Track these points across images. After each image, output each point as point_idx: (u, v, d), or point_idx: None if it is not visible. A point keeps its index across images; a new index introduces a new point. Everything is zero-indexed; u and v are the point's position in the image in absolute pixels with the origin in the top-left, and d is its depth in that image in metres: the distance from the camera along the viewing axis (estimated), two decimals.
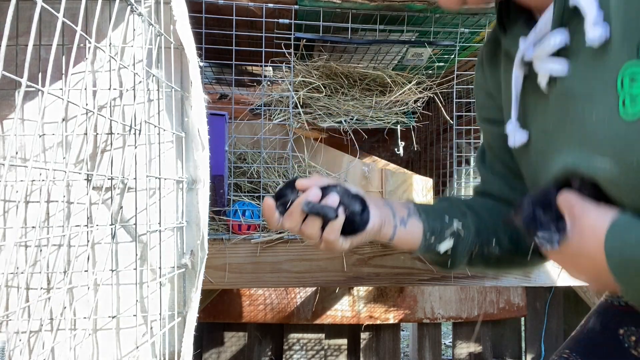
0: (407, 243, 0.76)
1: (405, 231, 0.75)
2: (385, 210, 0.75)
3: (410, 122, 1.30)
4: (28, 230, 0.67)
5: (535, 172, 0.66)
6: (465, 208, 0.78)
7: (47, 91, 0.40)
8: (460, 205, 0.78)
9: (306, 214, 0.70)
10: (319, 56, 1.29)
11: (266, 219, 0.74)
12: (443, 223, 0.75)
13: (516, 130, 0.65)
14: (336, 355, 2.22)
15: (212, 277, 1.10)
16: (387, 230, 0.74)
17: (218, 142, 1.06)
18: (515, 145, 0.66)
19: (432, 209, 0.78)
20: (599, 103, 0.50)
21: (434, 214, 0.76)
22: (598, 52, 0.49)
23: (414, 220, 0.75)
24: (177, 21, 0.63)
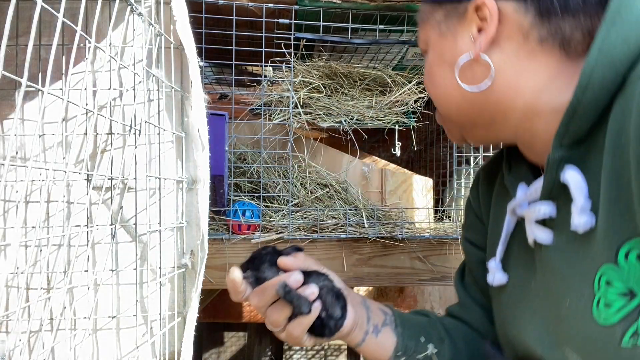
0: (374, 354, 0.72)
1: (376, 341, 0.71)
2: (360, 312, 0.71)
3: (410, 122, 1.30)
4: (28, 230, 0.67)
5: (504, 322, 0.65)
6: (444, 334, 0.74)
7: (47, 91, 0.40)
8: (439, 328, 0.75)
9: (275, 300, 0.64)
10: (319, 56, 1.29)
11: (230, 290, 0.67)
12: (417, 344, 0.72)
13: (497, 270, 0.64)
14: (336, 355, 2.21)
15: (212, 277, 1.10)
16: (357, 334, 0.70)
17: (218, 142, 1.06)
18: (493, 284, 0.65)
19: (410, 324, 0.74)
20: (574, 292, 0.49)
21: (410, 330, 0.73)
22: (582, 238, 0.49)
23: (388, 331, 0.72)
24: (177, 21, 0.63)
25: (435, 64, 0.61)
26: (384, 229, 1.17)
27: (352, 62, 1.32)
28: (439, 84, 0.61)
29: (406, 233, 1.16)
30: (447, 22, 0.59)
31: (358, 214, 1.20)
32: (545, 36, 0.52)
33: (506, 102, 0.56)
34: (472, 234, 0.77)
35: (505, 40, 0.54)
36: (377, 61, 1.37)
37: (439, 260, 1.19)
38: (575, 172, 0.49)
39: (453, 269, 1.19)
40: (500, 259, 0.64)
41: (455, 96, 0.60)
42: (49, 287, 0.66)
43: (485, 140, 0.64)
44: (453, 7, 0.58)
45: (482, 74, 0.56)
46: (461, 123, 0.62)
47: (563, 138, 0.50)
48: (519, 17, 0.53)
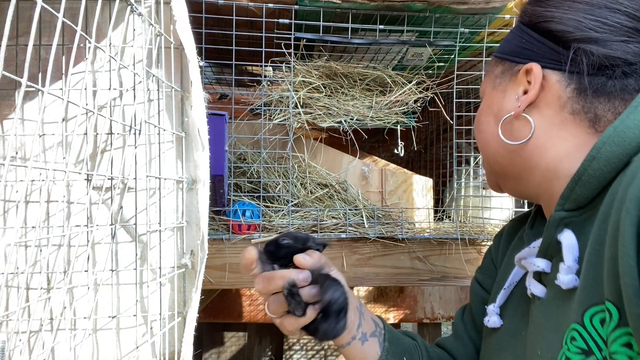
0: (355, 359, 0.75)
1: (361, 349, 0.74)
2: (353, 318, 0.74)
3: (410, 122, 1.30)
4: (28, 230, 0.67)
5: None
6: (427, 357, 0.78)
7: (47, 91, 0.40)
8: (424, 354, 0.78)
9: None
10: (319, 56, 1.29)
11: (243, 264, 0.69)
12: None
13: (493, 314, 0.68)
14: (336, 355, 2.21)
15: (212, 277, 1.10)
16: (345, 337, 0.73)
17: (218, 142, 1.06)
18: (487, 324, 0.69)
19: (398, 342, 0.77)
20: (547, 343, 0.53)
21: (396, 347, 0.76)
22: (565, 295, 0.53)
23: (374, 342, 0.75)
24: (177, 21, 0.63)
25: (483, 112, 0.68)
26: (384, 229, 1.17)
27: (352, 62, 1.32)
28: (483, 130, 0.67)
29: (406, 233, 1.16)
30: (502, 78, 0.65)
31: (358, 214, 1.20)
32: (578, 110, 0.57)
33: (532, 161, 0.61)
34: (483, 276, 0.81)
35: (544, 106, 0.59)
36: (377, 61, 1.37)
37: (439, 260, 1.19)
38: (571, 234, 0.53)
39: (453, 268, 1.19)
40: (499, 305, 0.68)
41: (493, 145, 0.65)
42: (49, 287, 0.66)
43: (515, 192, 0.68)
44: (510, 65, 0.64)
45: (519, 131, 0.61)
46: (495, 171, 0.68)
47: (566, 201, 0.53)
48: (559, 88, 0.58)
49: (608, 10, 0.55)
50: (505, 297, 0.68)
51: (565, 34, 0.57)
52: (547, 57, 0.59)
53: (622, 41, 0.54)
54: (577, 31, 0.56)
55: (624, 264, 0.40)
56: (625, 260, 0.40)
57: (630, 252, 0.40)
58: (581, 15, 0.56)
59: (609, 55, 0.54)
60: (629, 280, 0.39)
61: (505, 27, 1.22)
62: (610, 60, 0.54)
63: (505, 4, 1.11)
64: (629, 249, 0.40)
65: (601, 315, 0.46)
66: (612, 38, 0.55)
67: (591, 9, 0.56)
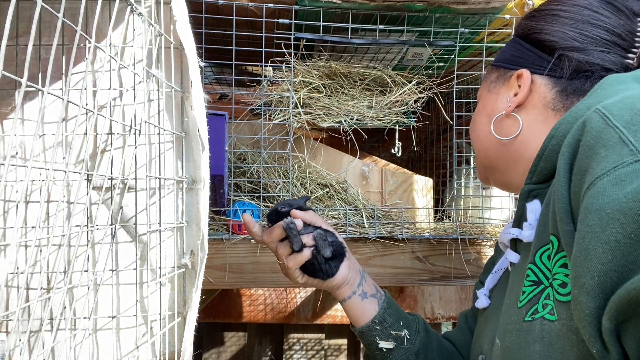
0: (354, 313, 0.83)
1: (361, 304, 0.83)
2: (354, 274, 0.84)
3: (410, 122, 1.30)
4: (28, 230, 0.67)
5: (474, 339, 0.75)
6: (423, 330, 0.85)
7: (47, 91, 0.40)
8: (421, 325, 0.85)
9: (284, 237, 0.81)
10: (319, 56, 1.29)
11: (247, 228, 0.85)
12: (395, 323, 0.82)
13: (482, 296, 0.75)
14: (336, 355, 2.22)
15: (212, 277, 1.10)
16: (345, 290, 0.83)
17: (218, 142, 1.06)
18: (477, 305, 0.75)
19: (396, 308, 0.85)
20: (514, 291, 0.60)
21: (394, 311, 0.84)
22: (526, 249, 0.61)
23: (373, 301, 0.84)
24: (177, 21, 0.63)
25: (479, 113, 0.76)
26: (384, 229, 1.17)
27: (352, 62, 1.32)
28: (477, 128, 0.76)
29: (406, 233, 1.16)
30: (496, 83, 0.74)
31: (358, 214, 1.20)
32: (559, 107, 0.66)
33: (518, 153, 0.69)
34: (483, 275, 0.86)
35: (531, 107, 0.68)
36: (377, 61, 1.37)
37: (439, 260, 1.19)
38: (536, 202, 0.61)
39: (453, 268, 1.19)
40: (489, 288, 0.75)
41: (485, 141, 0.74)
42: (49, 287, 0.66)
43: (502, 183, 0.76)
44: (504, 72, 0.72)
45: (509, 128, 0.70)
46: (486, 165, 0.76)
47: (533, 175, 0.61)
48: (545, 90, 0.67)
49: (590, 25, 0.64)
50: (494, 281, 0.74)
51: (552, 43, 0.66)
52: (536, 63, 0.68)
53: (601, 51, 0.63)
54: (562, 41, 0.65)
55: (557, 193, 0.48)
56: (559, 190, 0.48)
57: (562, 182, 0.48)
58: (567, 28, 0.65)
59: (589, 61, 0.63)
60: (560, 204, 0.47)
61: (505, 27, 1.22)
62: (589, 66, 0.63)
63: (505, 4, 1.11)
64: (561, 180, 0.48)
65: (548, 252, 0.54)
66: (593, 48, 0.63)
67: (575, 23, 0.65)
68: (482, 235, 1.20)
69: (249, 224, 0.84)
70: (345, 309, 0.85)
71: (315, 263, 0.80)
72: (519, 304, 0.57)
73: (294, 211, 0.82)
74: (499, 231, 1.23)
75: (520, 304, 0.57)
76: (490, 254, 1.20)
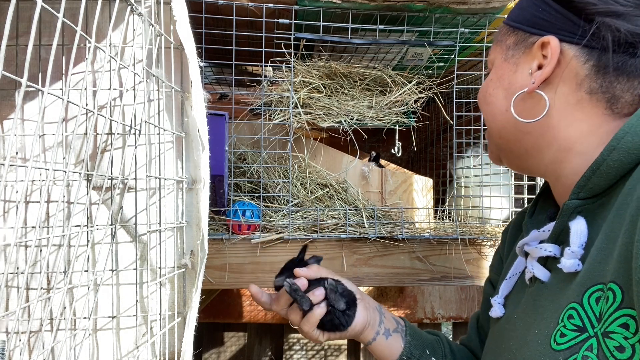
0: (382, 354, 0.81)
1: (386, 343, 0.80)
2: (373, 314, 0.81)
3: (410, 122, 1.30)
4: (28, 230, 0.67)
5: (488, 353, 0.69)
6: (449, 352, 0.82)
7: (47, 91, 0.40)
8: (446, 346, 0.83)
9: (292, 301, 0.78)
10: (319, 56, 1.29)
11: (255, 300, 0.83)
12: (422, 354, 0.80)
13: (497, 304, 0.68)
14: (336, 355, 2.22)
15: (212, 277, 1.10)
16: (369, 333, 0.80)
17: (218, 142, 1.06)
18: (491, 314, 0.69)
19: (419, 336, 0.82)
20: (545, 322, 0.53)
21: (418, 341, 0.81)
22: (567, 278, 0.53)
23: (397, 337, 0.81)
24: (177, 21, 0.63)
25: (492, 85, 0.64)
26: (384, 229, 1.17)
27: (352, 62, 1.32)
28: (491, 102, 0.64)
29: (406, 233, 1.16)
30: (515, 50, 0.61)
31: (358, 214, 1.20)
32: (596, 89, 0.54)
33: (544, 140, 0.58)
34: (493, 273, 0.82)
35: (559, 83, 0.56)
36: (377, 61, 1.37)
37: (439, 260, 1.19)
38: (582, 222, 0.52)
39: (453, 268, 1.19)
40: (503, 296, 0.68)
41: (501, 119, 0.63)
42: (49, 287, 0.66)
43: (518, 167, 0.67)
44: (524, 36, 0.60)
45: (532, 109, 0.59)
46: (499, 145, 0.66)
47: (581, 190, 0.52)
48: (577, 64, 0.55)
49: None
50: (509, 288, 0.67)
51: (587, 5, 0.53)
52: (566, 29, 0.55)
53: None
54: (600, 3, 0.52)
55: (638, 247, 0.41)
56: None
57: None
58: None
59: (634, 32, 0.50)
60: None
61: None
62: (635, 37, 0.50)
63: (505, 4, 1.11)
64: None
65: (598, 294, 0.47)
66: (638, 13, 0.51)
67: None
68: (482, 235, 1.20)
69: (256, 295, 0.81)
70: (372, 352, 0.82)
71: (333, 318, 0.77)
72: (556, 345, 0.50)
73: (297, 270, 0.80)
74: (499, 231, 1.23)
75: (557, 346, 0.50)
76: (490, 254, 1.20)
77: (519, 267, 0.66)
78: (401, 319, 0.84)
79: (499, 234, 1.21)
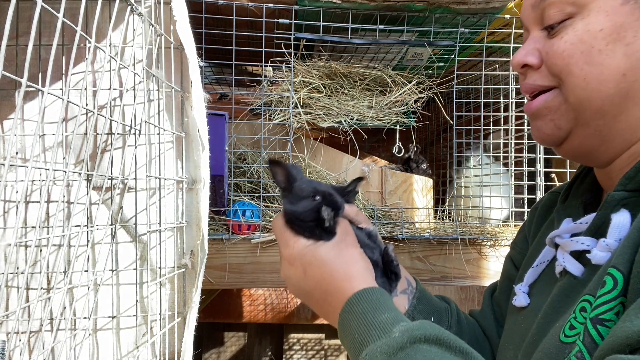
0: None
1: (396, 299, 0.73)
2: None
3: (410, 122, 1.30)
4: (28, 230, 0.67)
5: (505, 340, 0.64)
6: (455, 324, 0.76)
7: (47, 91, 0.40)
8: (453, 317, 0.77)
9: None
10: (319, 56, 1.29)
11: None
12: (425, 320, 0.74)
13: (521, 293, 0.63)
14: (336, 355, 2.21)
15: (212, 277, 1.10)
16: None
17: (218, 142, 1.06)
18: (514, 303, 0.64)
19: (427, 302, 0.76)
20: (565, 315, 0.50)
21: (424, 306, 0.75)
22: (592, 270, 0.49)
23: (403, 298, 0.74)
24: (177, 21, 0.63)
25: (606, 37, 0.48)
26: (384, 228, 1.17)
27: (352, 62, 1.32)
28: (599, 62, 0.49)
29: (406, 233, 1.16)
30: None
31: None
32: None
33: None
34: (515, 252, 0.76)
35: None
36: (377, 61, 1.37)
37: (439, 260, 1.19)
38: (626, 215, 0.48)
39: (453, 268, 1.19)
40: (528, 284, 0.63)
41: (611, 82, 0.49)
42: (49, 287, 0.66)
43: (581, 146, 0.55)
44: None
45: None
46: (587, 117, 0.52)
47: (630, 182, 0.48)
48: None
49: None
50: (534, 276, 0.62)
51: None
52: None
53: None
54: None
55: None
56: None
57: None
58: None
59: None
60: None
61: (505, 27, 1.22)
62: None
63: (505, 4, 1.11)
64: None
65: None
66: None
67: None
68: (482, 235, 1.20)
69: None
70: None
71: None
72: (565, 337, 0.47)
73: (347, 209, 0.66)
74: (499, 231, 1.23)
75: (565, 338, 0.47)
76: (490, 254, 1.20)
77: (547, 256, 0.61)
78: (414, 280, 0.77)
79: (499, 234, 1.21)
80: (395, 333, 0.47)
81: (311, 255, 0.58)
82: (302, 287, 0.59)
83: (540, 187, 1.22)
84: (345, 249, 0.59)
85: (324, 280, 0.57)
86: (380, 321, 0.50)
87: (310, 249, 0.58)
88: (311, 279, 0.58)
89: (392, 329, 0.48)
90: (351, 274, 0.56)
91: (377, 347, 0.47)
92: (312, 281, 0.57)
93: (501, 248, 1.20)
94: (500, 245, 1.20)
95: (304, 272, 0.58)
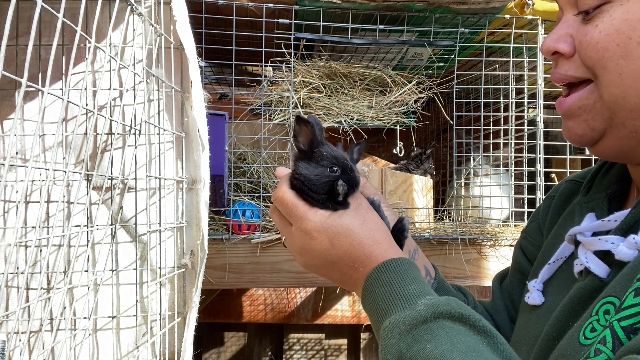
0: None
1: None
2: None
3: (410, 122, 1.30)
4: (28, 230, 0.67)
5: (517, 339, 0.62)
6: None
7: (47, 91, 0.40)
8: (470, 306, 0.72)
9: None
10: (319, 56, 1.29)
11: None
12: None
13: (535, 291, 0.59)
14: (336, 355, 2.22)
15: (212, 277, 1.10)
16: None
17: (218, 142, 1.06)
18: (527, 301, 0.60)
19: (447, 292, 0.73)
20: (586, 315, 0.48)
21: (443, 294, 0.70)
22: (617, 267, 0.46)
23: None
24: (177, 21, 0.63)
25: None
26: None
27: (352, 62, 1.32)
28: (636, 56, 0.45)
29: None
30: None
31: None
32: None
33: None
34: (528, 241, 0.72)
35: None
36: (377, 61, 1.37)
37: (439, 260, 1.19)
38: None
39: (453, 268, 1.19)
40: (542, 282, 0.60)
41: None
42: (49, 287, 0.66)
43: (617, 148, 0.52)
44: None
45: None
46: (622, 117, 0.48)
47: None
48: None
49: None
50: (550, 273, 0.59)
51: None
52: None
53: None
54: None
55: None
56: None
57: None
58: None
59: None
60: None
61: (505, 27, 1.22)
62: None
63: (505, 4, 1.11)
64: None
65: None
66: None
67: None
68: (482, 235, 1.20)
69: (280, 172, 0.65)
70: None
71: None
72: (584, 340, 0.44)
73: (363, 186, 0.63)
74: (499, 231, 1.23)
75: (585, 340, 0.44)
76: (490, 254, 1.20)
77: (565, 253, 0.57)
78: (434, 270, 0.74)
79: (499, 234, 1.21)
80: (420, 306, 0.47)
81: (337, 225, 0.56)
82: (326, 258, 0.56)
83: (540, 187, 1.22)
84: (365, 214, 0.58)
85: (353, 247, 0.55)
86: (406, 292, 0.49)
87: (333, 218, 0.56)
88: (339, 248, 0.55)
89: (418, 301, 0.48)
90: (378, 239, 0.55)
91: (400, 318, 0.47)
92: (340, 250, 0.55)
93: (501, 248, 1.20)
94: (500, 245, 1.20)
95: (330, 243, 0.56)
